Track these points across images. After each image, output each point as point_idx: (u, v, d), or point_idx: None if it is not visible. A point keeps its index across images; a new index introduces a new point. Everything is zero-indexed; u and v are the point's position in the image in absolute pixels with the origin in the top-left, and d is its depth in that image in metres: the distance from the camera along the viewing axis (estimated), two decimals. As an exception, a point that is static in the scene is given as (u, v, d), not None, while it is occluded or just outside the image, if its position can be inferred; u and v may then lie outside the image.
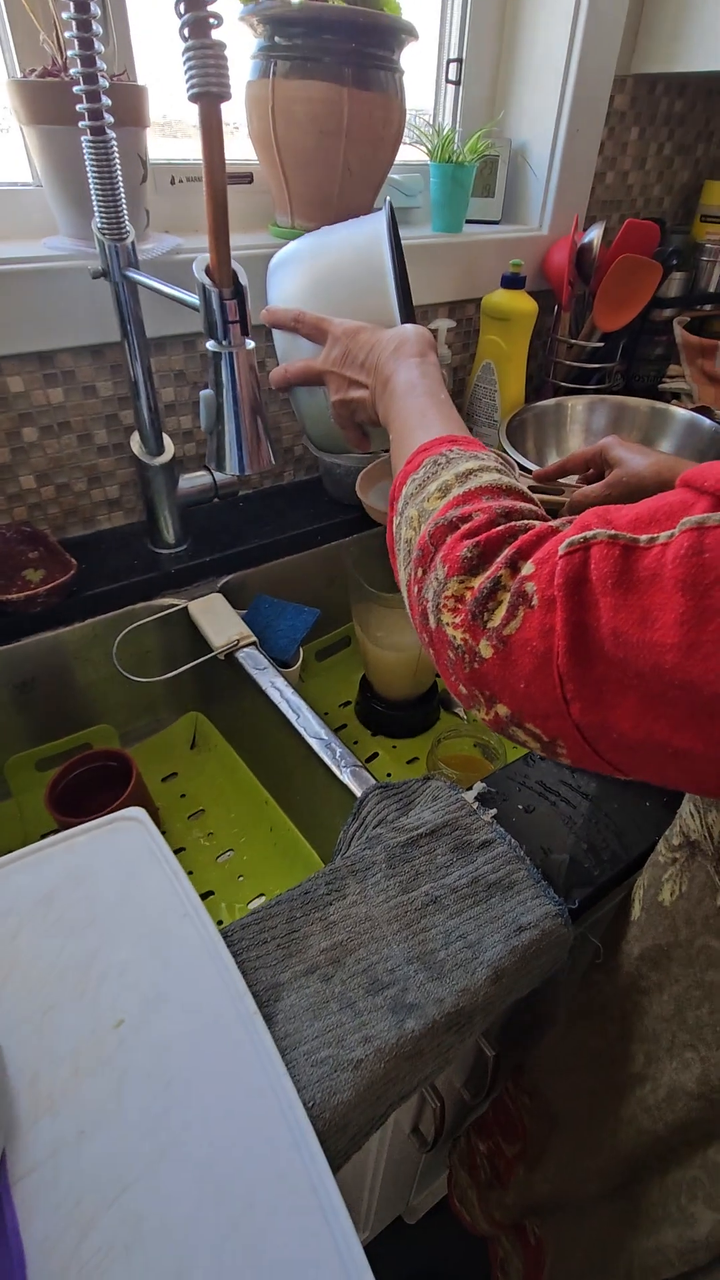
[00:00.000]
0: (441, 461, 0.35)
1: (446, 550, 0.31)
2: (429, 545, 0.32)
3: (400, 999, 0.37)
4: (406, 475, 0.37)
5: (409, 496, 0.36)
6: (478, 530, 0.31)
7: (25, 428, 0.67)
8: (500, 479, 0.34)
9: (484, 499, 0.32)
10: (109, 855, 0.42)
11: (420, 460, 0.37)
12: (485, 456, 0.36)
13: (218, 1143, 0.31)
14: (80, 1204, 0.29)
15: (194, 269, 0.41)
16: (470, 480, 0.33)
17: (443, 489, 0.34)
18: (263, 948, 0.39)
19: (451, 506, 0.32)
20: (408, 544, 0.35)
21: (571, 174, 0.90)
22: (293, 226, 0.74)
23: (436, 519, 0.32)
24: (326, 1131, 0.32)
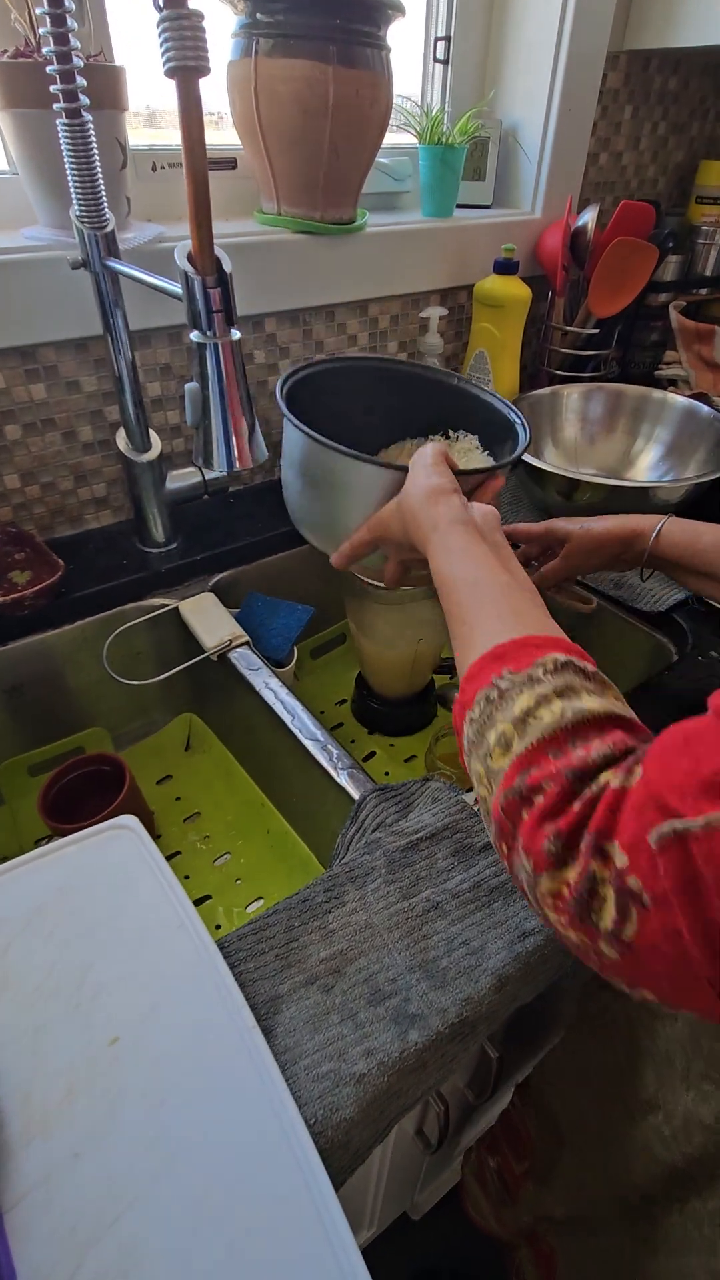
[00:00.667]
0: (494, 698, 0.31)
1: (526, 837, 0.28)
2: (505, 821, 0.29)
3: (402, 1009, 0.36)
4: (463, 712, 0.33)
5: (470, 744, 0.32)
6: (553, 812, 0.27)
7: (8, 425, 0.65)
8: (563, 715, 0.29)
9: (550, 756, 0.28)
10: (101, 866, 0.41)
11: (472, 694, 0.33)
12: (541, 672, 0.31)
13: (216, 1164, 0.30)
14: (75, 1230, 0.28)
15: (175, 256, 0.40)
16: (530, 729, 0.29)
17: (503, 743, 0.30)
18: (261, 958, 0.38)
19: (517, 771, 0.29)
20: (483, 803, 0.32)
21: (564, 155, 0.88)
22: (279, 213, 0.73)
23: (505, 789, 0.29)
24: (329, 1149, 0.31)
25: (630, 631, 0.69)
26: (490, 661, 0.33)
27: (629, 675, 0.71)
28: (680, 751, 0.26)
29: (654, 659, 0.68)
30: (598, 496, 0.72)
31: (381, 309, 0.84)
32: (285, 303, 0.75)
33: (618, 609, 0.69)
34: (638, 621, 0.68)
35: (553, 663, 0.32)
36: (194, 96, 0.36)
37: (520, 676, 0.31)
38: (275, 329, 0.77)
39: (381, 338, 0.86)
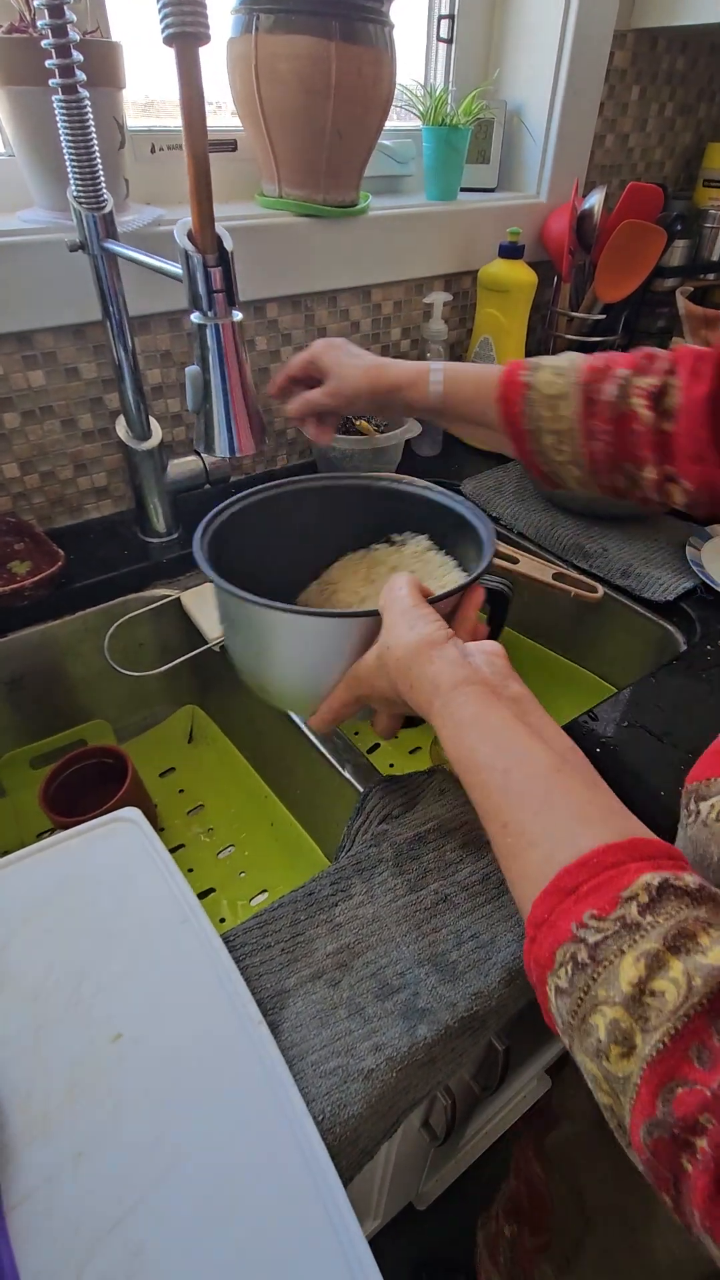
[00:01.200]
0: (584, 961, 0.24)
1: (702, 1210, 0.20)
2: (661, 1170, 0.22)
3: (411, 1004, 0.35)
4: (543, 970, 0.26)
5: (570, 1029, 0.25)
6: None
7: (6, 413, 0.64)
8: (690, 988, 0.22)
9: (694, 1061, 0.21)
10: (103, 859, 0.41)
11: (549, 948, 0.25)
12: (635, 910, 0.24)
13: (223, 1163, 0.29)
14: (78, 1232, 0.27)
15: (175, 234, 0.39)
16: (652, 1016, 0.22)
17: (621, 1040, 0.23)
18: (266, 953, 0.37)
19: (655, 1092, 0.22)
20: (610, 1112, 0.24)
21: (570, 137, 0.86)
22: (280, 196, 0.71)
23: (647, 1121, 0.22)
24: (337, 1146, 0.31)
25: (637, 620, 0.68)
26: (560, 898, 0.26)
27: (636, 665, 0.71)
28: None
29: (662, 648, 0.67)
30: (605, 484, 0.71)
31: (385, 294, 0.82)
32: (287, 287, 0.74)
33: (625, 598, 0.68)
34: (645, 610, 0.68)
35: (645, 891, 0.24)
36: (193, 65, 0.34)
37: (610, 923, 0.24)
38: (277, 314, 0.75)
39: (385, 324, 0.84)
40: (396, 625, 0.36)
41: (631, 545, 0.72)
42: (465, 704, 0.32)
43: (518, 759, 0.30)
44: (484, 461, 0.89)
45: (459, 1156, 0.86)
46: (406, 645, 0.35)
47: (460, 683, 0.33)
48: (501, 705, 0.33)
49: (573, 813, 0.28)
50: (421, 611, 0.36)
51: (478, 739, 0.31)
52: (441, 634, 0.35)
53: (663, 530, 0.75)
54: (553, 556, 0.74)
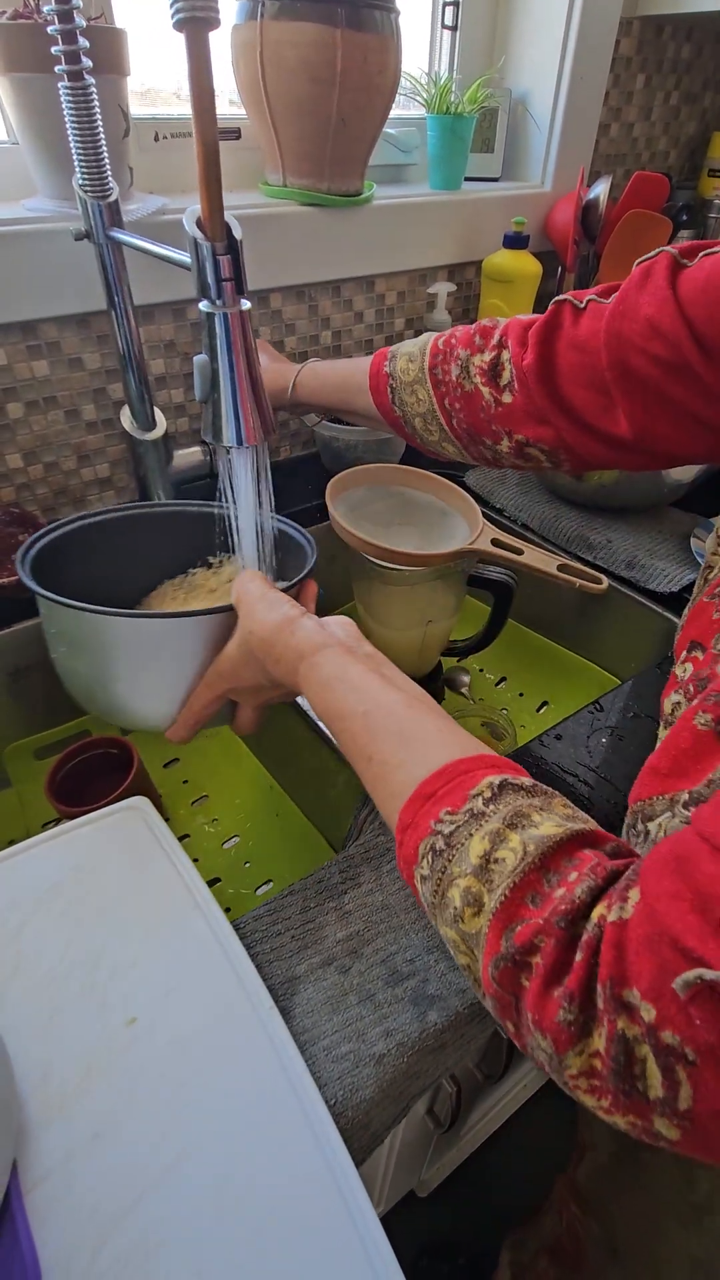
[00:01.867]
0: (440, 849, 0.28)
1: (535, 1011, 0.24)
2: (504, 994, 0.25)
3: (421, 990, 0.36)
4: (409, 868, 0.30)
5: (432, 907, 0.29)
6: (556, 972, 0.24)
7: (10, 403, 0.64)
8: (525, 851, 0.26)
9: (529, 904, 0.25)
10: (113, 847, 0.41)
11: (413, 846, 0.29)
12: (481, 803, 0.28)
13: (237, 1145, 0.30)
14: (96, 1213, 0.28)
15: (184, 220, 0.39)
16: (495, 877, 0.26)
17: (472, 901, 0.26)
18: (277, 940, 0.38)
19: (499, 931, 0.25)
20: (468, 970, 0.28)
21: (575, 125, 0.86)
22: (285, 184, 0.71)
23: (493, 957, 0.25)
24: (349, 1130, 0.31)
25: (641, 612, 0.68)
26: (421, 803, 0.30)
27: (640, 657, 0.71)
28: (675, 875, 0.23)
29: (666, 640, 0.67)
30: (610, 476, 0.71)
31: (388, 284, 0.82)
32: (291, 277, 0.73)
33: (629, 589, 0.69)
34: (649, 602, 0.68)
35: (488, 788, 0.28)
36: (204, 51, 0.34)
37: (461, 815, 0.28)
38: (281, 305, 0.75)
39: (388, 314, 0.84)
40: (255, 609, 0.39)
41: (636, 536, 0.72)
42: (326, 663, 0.36)
43: (375, 702, 0.34)
44: (487, 453, 0.88)
45: (460, 1144, 0.87)
46: (269, 624, 0.38)
47: (320, 646, 0.37)
48: (357, 661, 0.36)
49: (427, 739, 0.32)
50: (274, 595, 0.40)
51: (340, 690, 0.35)
52: (297, 610, 0.39)
53: (667, 522, 0.75)
54: (556, 548, 0.74)
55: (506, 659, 0.83)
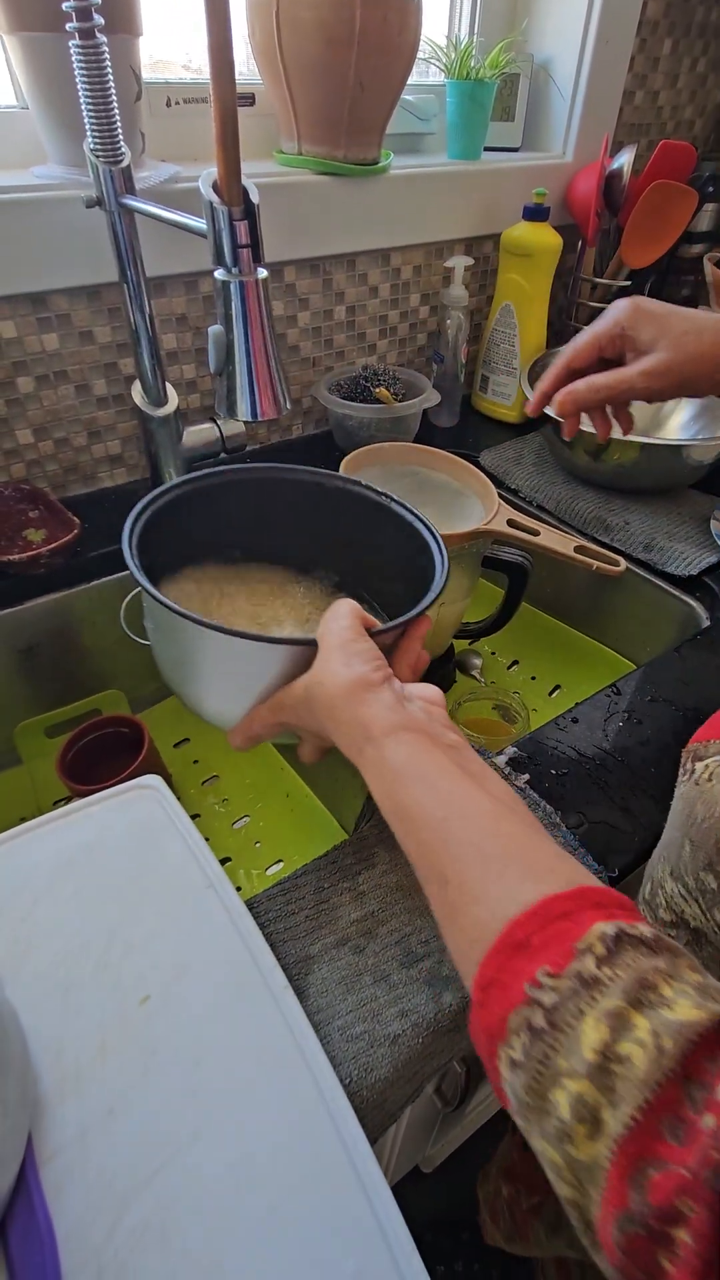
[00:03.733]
0: (539, 1026, 0.22)
1: None
2: (634, 1270, 0.19)
3: (436, 971, 0.35)
4: (493, 1041, 0.23)
5: (525, 1107, 0.22)
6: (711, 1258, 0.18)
7: (20, 377, 0.63)
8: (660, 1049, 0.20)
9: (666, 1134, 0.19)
10: (125, 825, 0.41)
11: (500, 1014, 0.23)
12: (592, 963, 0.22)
13: (252, 1123, 0.29)
14: (112, 1186, 0.28)
15: (200, 183, 0.37)
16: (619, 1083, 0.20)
17: (584, 1118, 0.20)
18: (290, 919, 0.38)
19: (627, 1176, 0.19)
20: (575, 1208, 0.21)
21: (599, 92, 0.83)
22: (300, 153, 0.69)
23: (618, 1215, 0.19)
24: (364, 1109, 0.31)
25: (659, 595, 0.67)
26: (509, 955, 0.23)
27: (657, 641, 0.70)
28: None
29: (684, 624, 0.66)
30: (628, 456, 0.69)
31: (404, 258, 0.80)
32: (306, 250, 0.72)
33: (647, 572, 0.68)
34: (667, 585, 0.67)
35: (600, 942, 0.22)
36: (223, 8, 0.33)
37: (567, 980, 0.22)
38: (295, 278, 0.74)
39: (404, 289, 0.82)
40: (331, 660, 0.33)
41: (654, 519, 0.71)
42: (398, 750, 0.30)
43: (457, 807, 0.28)
44: (503, 433, 0.87)
45: (465, 1122, 0.88)
46: (338, 683, 0.32)
47: (394, 728, 0.31)
48: (439, 751, 0.30)
49: (518, 863, 0.26)
50: (359, 647, 0.33)
51: (412, 786, 0.29)
52: (378, 675, 0.33)
53: (686, 504, 0.73)
54: (573, 530, 0.73)
55: (519, 642, 0.82)
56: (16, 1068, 0.28)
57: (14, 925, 0.36)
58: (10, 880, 0.37)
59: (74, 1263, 0.26)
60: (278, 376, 0.42)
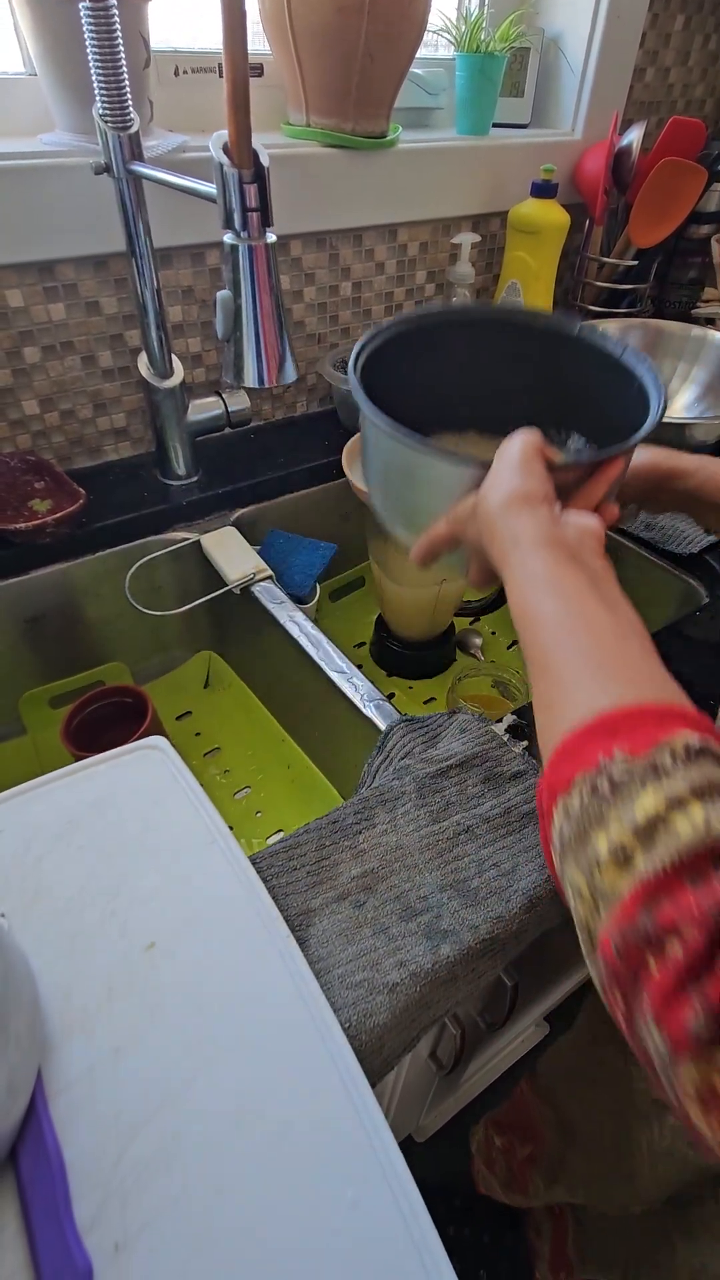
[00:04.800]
0: (603, 790, 0.24)
1: (657, 1003, 0.21)
2: (621, 967, 0.23)
3: (434, 925, 0.36)
4: (554, 794, 0.26)
5: (567, 843, 0.25)
6: (695, 970, 0.21)
7: (26, 347, 0.63)
8: (708, 827, 0.22)
9: (688, 883, 0.22)
10: (132, 783, 0.41)
11: (569, 775, 0.25)
12: (668, 759, 0.24)
13: (255, 1062, 0.30)
14: (119, 1119, 0.29)
15: (210, 146, 0.37)
16: (659, 842, 0.22)
17: (620, 857, 0.23)
18: (292, 874, 0.38)
19: (640, 902, 0.22)
20: (584, 928, 0.25)
21: (609, 68, 0.82)
22: (307, 124, 0.69)
23: (624, 925, 0.22)
24: (363, 1052, 0.32)
25: (659, 574, 0.68)
26: (595, 736, 0.25)
27: (657, 618, 0.70)
28: None
29: (683, 602, 0.66)
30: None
31: (411, 234, 0.80)
32: (312, 223, 0.71)
33: (648, 551, 0.68)
34: (666, 564, 0.67)
35: (684, 748, 0.24)
36: (233, -38, 0.33)
37: (640, 764, 0.24)
38: (301, 252, 0.73)
39: (410, 266, 0.82)
40: (500, 472, 0.35)
41: (656, 499, 0.71)
42: (541, 561, 0.32)
43: (584, 620, 0.30)
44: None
45: (458, 1094, 0.90)
46: (501, 493, 0.34)
47: (543, 542, 0.32)
48: (579, 571, 0.31)
49: (626, 671, 0.28)
50: (530, 468, 0.35)
51: (546, 594, 0.31)
52: (540, 492, 0.34)
53: (688, 485, 0.73)
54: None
55: (520, 621, 0.83)
56: (26, 1006, 0.29)
57: (23, 876, 0.36)
58: (19, 833, 0.38)
59: (82, 1189, 0.27)
60: (285, 344, 0.43)
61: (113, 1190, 0.27)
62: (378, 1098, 0.66)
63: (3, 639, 0.65)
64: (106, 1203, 0.27)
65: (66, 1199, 0.27)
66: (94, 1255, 0.26)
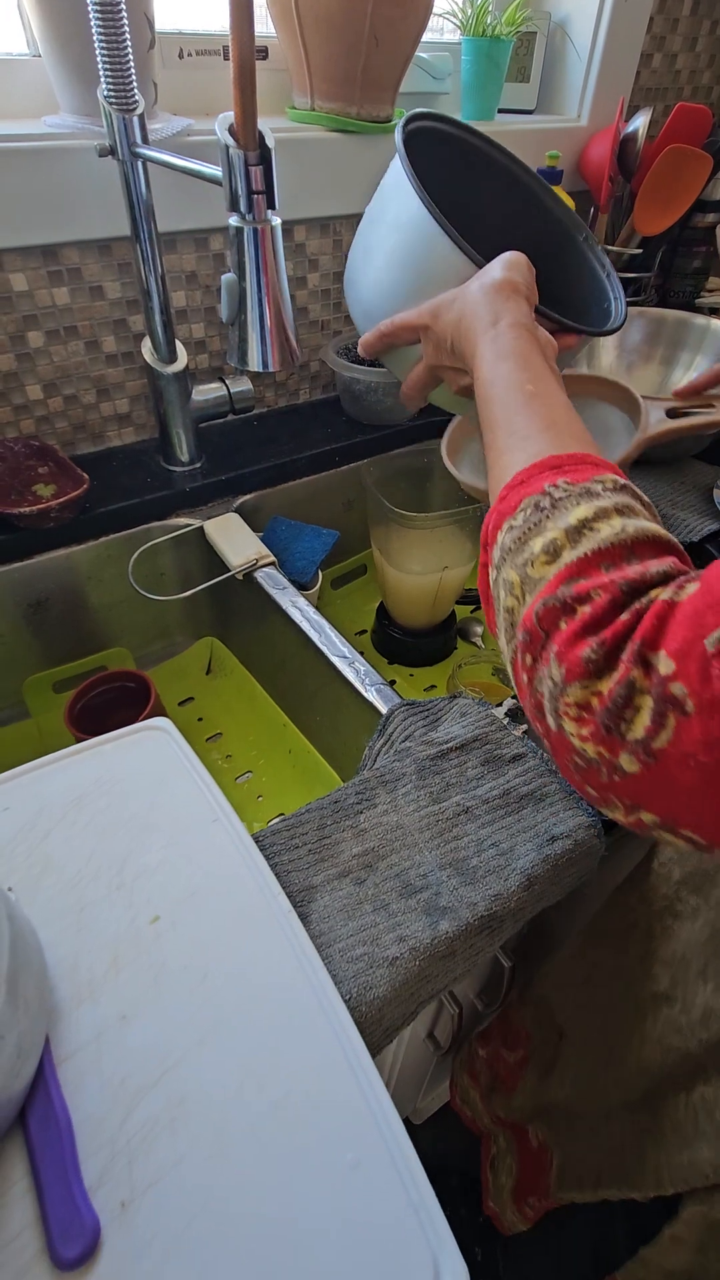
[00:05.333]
0: (544, 506, 0.29)
1: (562, 646, 0.26)
2: (537, 629, 0.27)
3: (433, 902, 0.37)
4: (501, 517, 0.31)
5: (506, 551, 0.30)
6: (599, 621, 0.26)
7: (30, 331, 0.63)
8: (623, 530, 0.27)
9: (603, 569, 0.27)
10: (136, 763, 0.42)
11: (516, 500, 0.30)
12: (600, 488, 0.29)
13: (256, 1032, 0.31)
14: (125, 1083, 0.29)
15: (216, 127, 0.38)
16: (584, 539, 0.27)
17: (550, 551, 0.28)
18: (294, 852, 0.39)
19: (562, 580, 0.27)
20: (509, 614, 0.29)
21: (616, 54, 0.82)
22: (312, 108, 0.68)
23: (545, 596, 0.27)
24: (363, 1023, 0.33)
25: (660, 564, 0.68)
26: (544, 470, 0.30)
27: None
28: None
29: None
30: (634, 424, 0.70)
31: (415, 221, 0.79)
32: (316, 209, 0.71)
33: (649, 540, 0.68)
34: (668, 553, 0.67)
35: (612, 482, 0.29)
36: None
37: (577, 488, 0.29)
38: (305, 238, 0.73)
39: (414, 253, 0.82)
40: (493, 267, 0.40)
41: (658, 487, 0.71)
42: (517, 340, 0.37)
43: (545, 389, 0.35)
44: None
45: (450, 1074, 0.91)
46: (492, 279, 0.39)
47: (520, 325, 0.37)
48: (546, 358, 0.37)
49: (575, 435, 0.33)
50: (521, 270, 0.40)
51: (515, 364, 0.36)
52: (525, 287, 0.40)
53: (689, 473, 0.74)
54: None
55: (520, 610, 0.83)
56: (35, 973, 0.30)
57: (30, 850, 0.37)
58: (26, 809, 0.39)
59: (89, 1149, 0.28)
60: (290, 327, 0.43)
61: (119, 1150, 0.28)
62: (379, 1055, 0.68)
63: (7, 623, 0.65)
64: (113, 1162, 0.28)
65: (74, 1158, 0.27)
66: (101, 1212, 0.26)
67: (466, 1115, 0.74)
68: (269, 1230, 0.26)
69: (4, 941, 0.27)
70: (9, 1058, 0.27)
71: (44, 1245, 0.26)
